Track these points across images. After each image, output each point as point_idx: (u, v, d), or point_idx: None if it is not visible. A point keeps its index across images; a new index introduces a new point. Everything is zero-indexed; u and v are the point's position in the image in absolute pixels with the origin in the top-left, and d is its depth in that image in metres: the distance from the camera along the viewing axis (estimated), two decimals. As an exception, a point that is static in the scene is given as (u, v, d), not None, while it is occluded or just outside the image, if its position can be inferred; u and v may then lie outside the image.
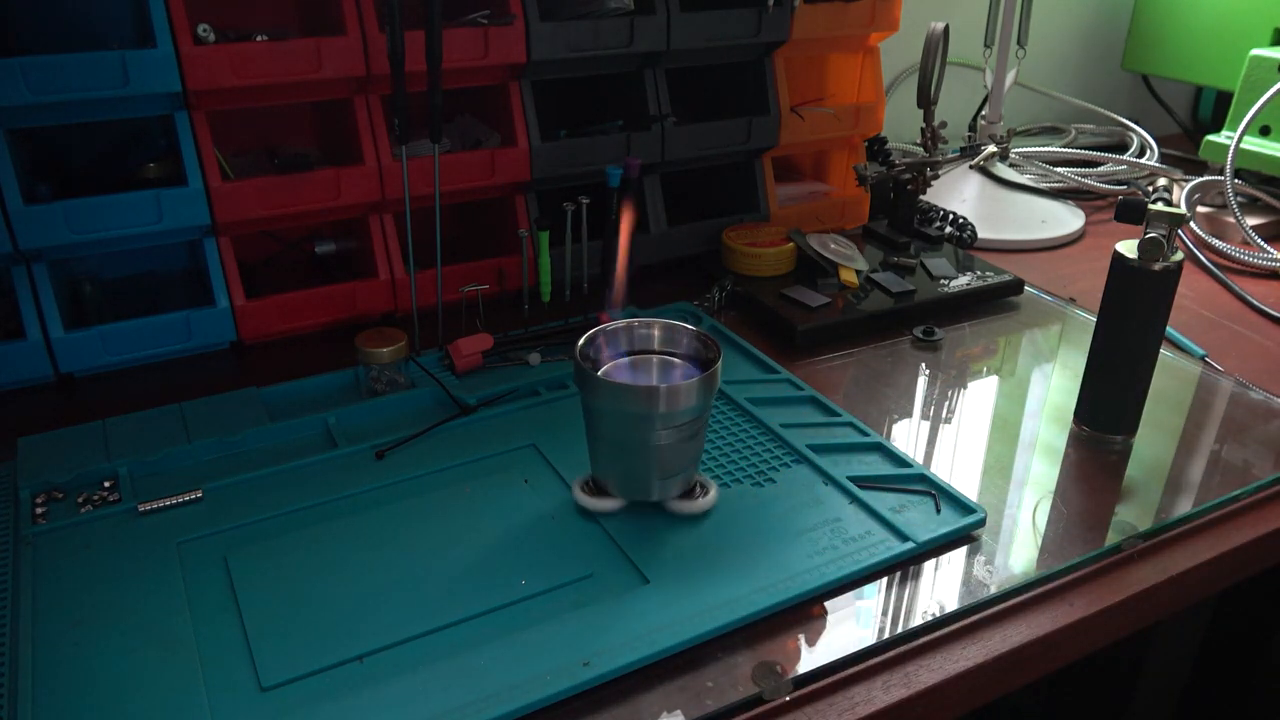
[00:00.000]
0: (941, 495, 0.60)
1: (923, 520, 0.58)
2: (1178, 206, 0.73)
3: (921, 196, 1.01)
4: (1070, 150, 1.30)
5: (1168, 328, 0.85)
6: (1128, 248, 0.65)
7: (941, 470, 0.65)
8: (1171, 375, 0.78)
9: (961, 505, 0.59)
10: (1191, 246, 1.04)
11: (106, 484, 0.61)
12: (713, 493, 0.59)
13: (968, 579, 0.55)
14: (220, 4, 0.78)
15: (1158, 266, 0.63)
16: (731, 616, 0.50)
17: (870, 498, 0.59)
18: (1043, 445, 0.68)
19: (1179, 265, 0.64)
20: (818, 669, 0.48)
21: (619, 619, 0.50)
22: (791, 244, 0.91)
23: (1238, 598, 0.87)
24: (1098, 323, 0.67)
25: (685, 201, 0.97)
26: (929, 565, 0.56)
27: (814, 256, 0.89)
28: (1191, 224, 1.07)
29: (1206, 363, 0.80)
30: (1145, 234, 0.63)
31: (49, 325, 0.72)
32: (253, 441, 0.65)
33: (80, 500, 0.59)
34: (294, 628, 0.50)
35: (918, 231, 1.00)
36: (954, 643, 0.51)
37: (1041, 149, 1.29)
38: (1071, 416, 0.71)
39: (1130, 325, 0.65)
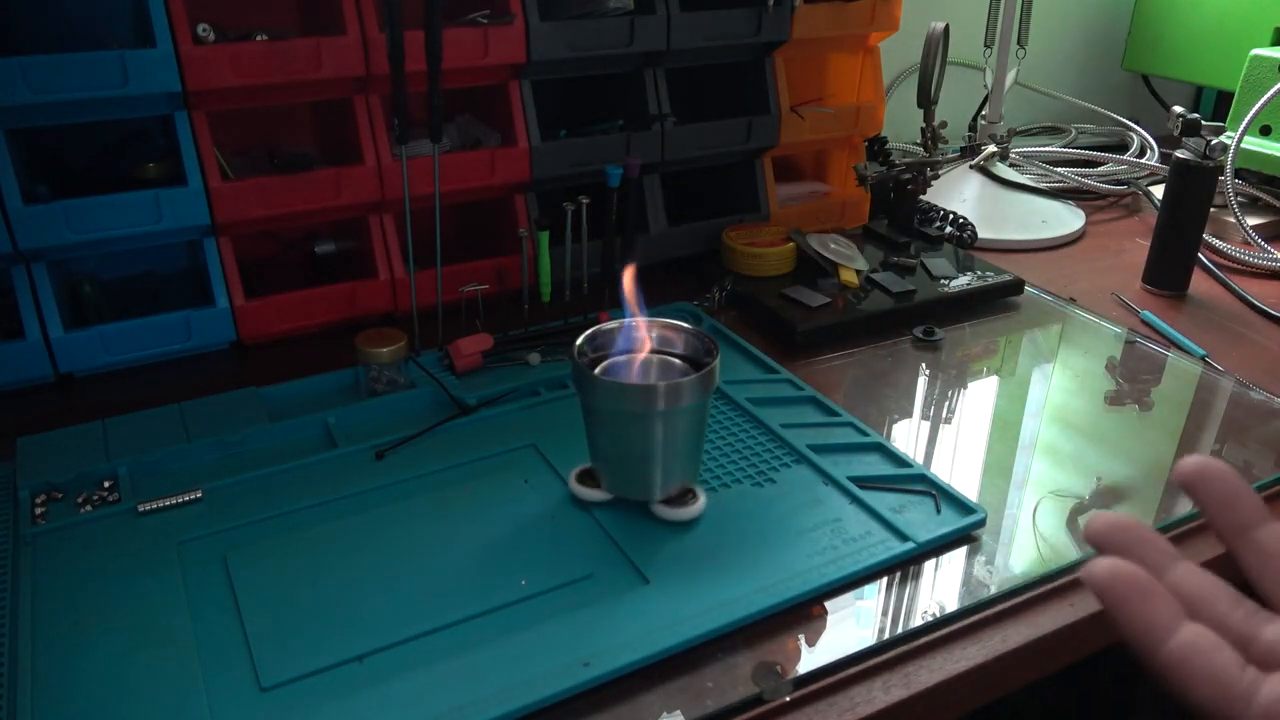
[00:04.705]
0: (941, 495, 0.60)
1: (923, 520, 0.58)
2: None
3: (921, 196, 1.01)
4: (1070, 150, 1.30)
5: (1167, 328, 0.85)
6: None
7: (941, 470, 0.65)
8: (1172, 375, 0.78)
9: (961, 505, 0.59)
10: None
11: (106, 484, 0.61)
12: (701, 500, 0.59)
13: (968, 579, 0.55)
14: (220, 4, 0.78)
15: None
16: (731, 616, 0.50)
17: (870, 498, 0.59)
18: (1043, 445, 0.68)
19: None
20: (818, 669, 0.48)
21: (619, 619, 0.50)
22: (791, 244, 0.91)
23: (1238, 598, 0.87)
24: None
25: (685, 201, 0.97)
26: (929, 565, 0.56)
27: (814, 256, 0.89)
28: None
29: (1206, 363, 0.80)
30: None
31: (49, 325, 0.72)
32: (253, 441, 0.65)
33: (80, 500, 0.59)
34: (294, 628, 0.50)
35: (918, 231, 1.00)
36: (954, 643, 0.51)
37: (1041, 149, 1.29)
38: (1066, 415, 0.71)
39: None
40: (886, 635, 0.51)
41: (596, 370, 0.58)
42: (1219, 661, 0.30)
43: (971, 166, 1.14)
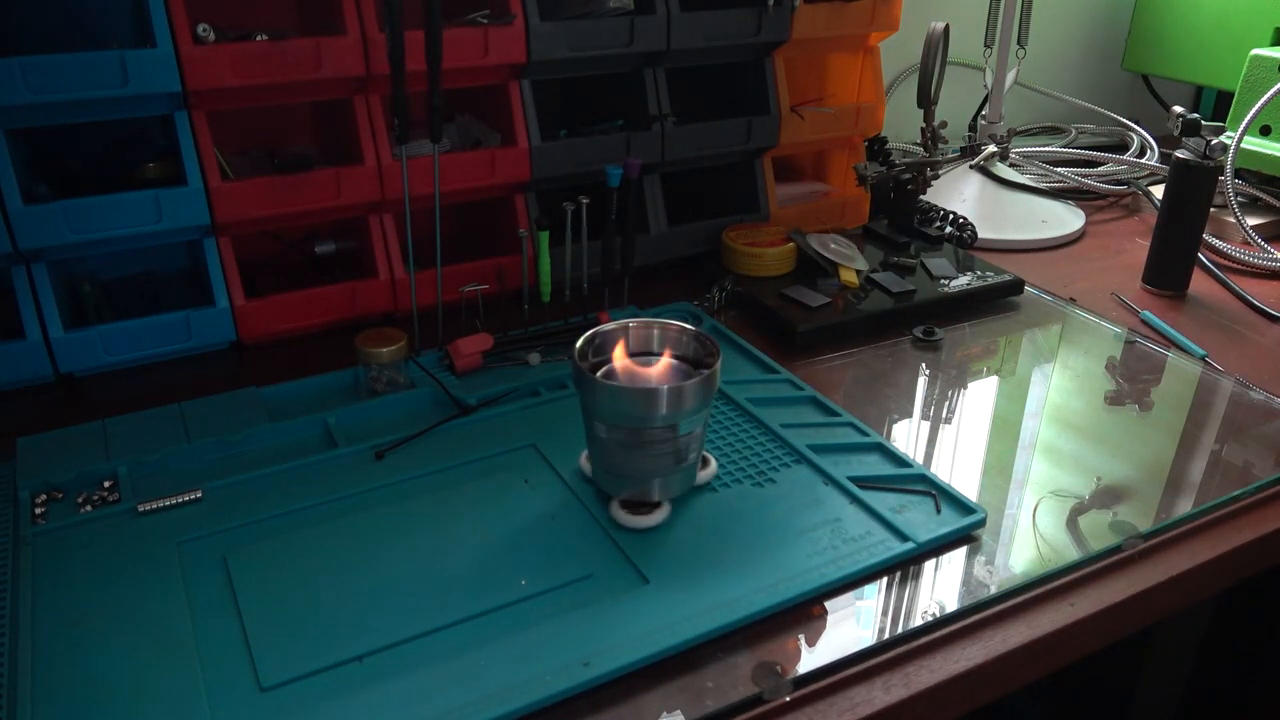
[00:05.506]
0: (941, 495, 0.60)
1: (923, 520, 0.58)
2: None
3: (921, 196, 1.01)
4: (1070, 150, 1.30)
5: (1168, 328, 0.85)
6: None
7: (941, 470, 0.65)
8: (1172, 375, 0.78)
9: (961, 505, 0.59)
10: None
11: (106, 484, 0.61)
12: (713, 465, 0.61)
13: (968, 579, 0.55)
14: (220, 4, 0.78)
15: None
16: (731, 616, 0.50)
17: (870, 498, 0.59)
18: (1043, 445, 0.68)
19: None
20: (818, 669, 0.48)
21: (619, 619, 0.50)
22: (791, 244, 0.91)
23: (1238, 598, 0.87)
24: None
25: (685, 201, 0.97)
26: (929, 565, 0.56)
27: (814, 256, 0.89)
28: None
29: (1206, 363, 0.80)
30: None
31: (49, 325, 0.72)
32: (253, 441, 0.65)
33: (80, 500, 0.59)
34: (294, 628, 0.50)
35: (918, 231, 1.00)
36: (954, 643, 0.51)
37: (1041, 149, 1.29)
38: (1066, 415, 0.71)
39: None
40: (886, 635, 0.51)
41: (598, 374, 0.58)
42: None
43: (971, 166, 1.14)
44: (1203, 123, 0.89)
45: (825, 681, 0.48)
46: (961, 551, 0.57)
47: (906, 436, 0.69)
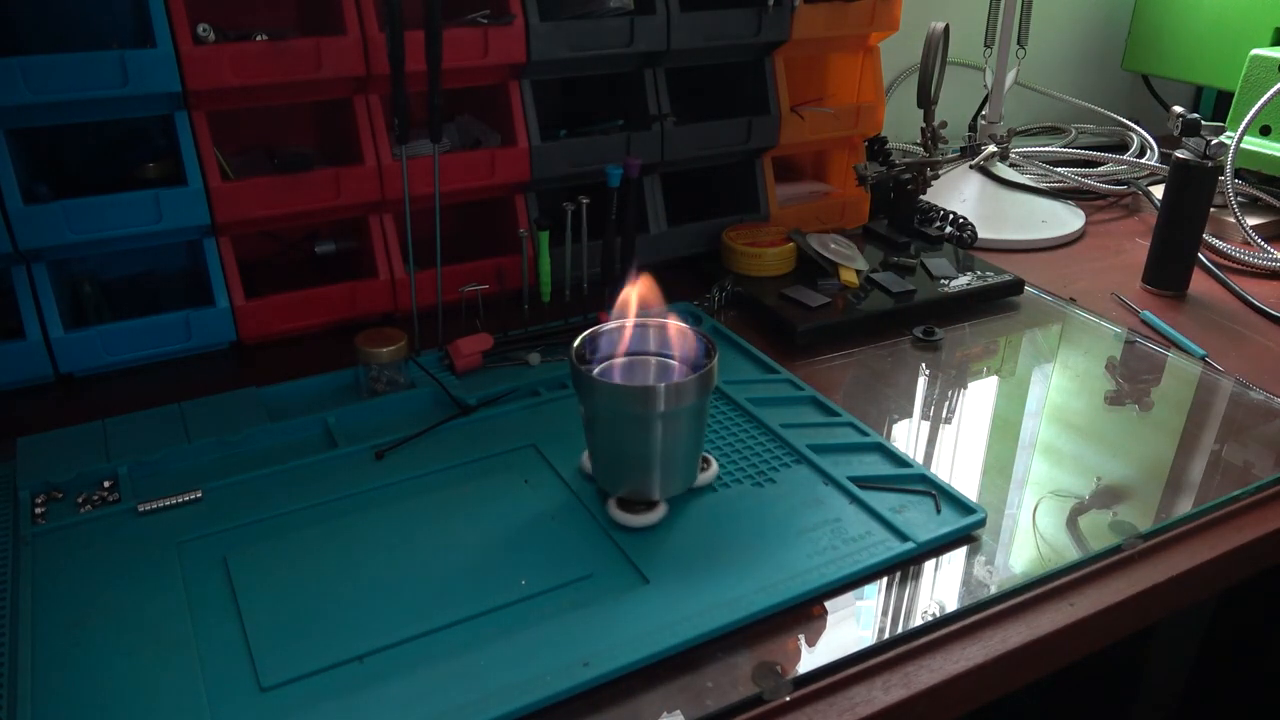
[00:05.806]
0: (941, 495, 0.60)
1: (923, 520, 0.58)
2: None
3: (921, 196, 1.01)
4: (1070, 150, 1.30)
5: (1168, 328, 0.85)
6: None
7: (941, 470, 0.65)
8: (1172, 375, 0.78)
9: (961, 505, 0.59)
10: (1191, 246, 1.04)
11: (106, 484, 0.61)
12: (714, 466, 0.60)
13: (968, 579, 0.55)
14: (220, 4, 0.78)
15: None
16: (731, 616, 0.50)
17: (870, 498, 0.59)
18: (1043, 445, 0.68)
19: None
20: (818, 669, 0.48)
21: (619, 619, 0.50)
22: (791, 244, 0.91)
23: (1238, 598, 0.87)
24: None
25: (685, 201, 0.97)
26: (929, 565, 0.56)
27: (814, 256, 0.89)
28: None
29: (1206, 363, 0.80)
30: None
31: (49, 325, 0.72)
32: (253, 441, 0.65)
33: (80, 500, 0.59)
34: (294, 628, 0.50)
35: (918, 231, 1.00)
36: (954, 643, 0.51)
37: (1041, 149, 1.29)
38: (1066, 415, 0.71)
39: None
40: (886, 635, 0.51)
41: (595, 372, 0.58)
42: None
43: (971, 166, 1.14)
44: (1203, 123, 0.89)
45: (825, 681, 0.48)
46: (961, 551, 0.57)
47: (906, 436, 0.69)
